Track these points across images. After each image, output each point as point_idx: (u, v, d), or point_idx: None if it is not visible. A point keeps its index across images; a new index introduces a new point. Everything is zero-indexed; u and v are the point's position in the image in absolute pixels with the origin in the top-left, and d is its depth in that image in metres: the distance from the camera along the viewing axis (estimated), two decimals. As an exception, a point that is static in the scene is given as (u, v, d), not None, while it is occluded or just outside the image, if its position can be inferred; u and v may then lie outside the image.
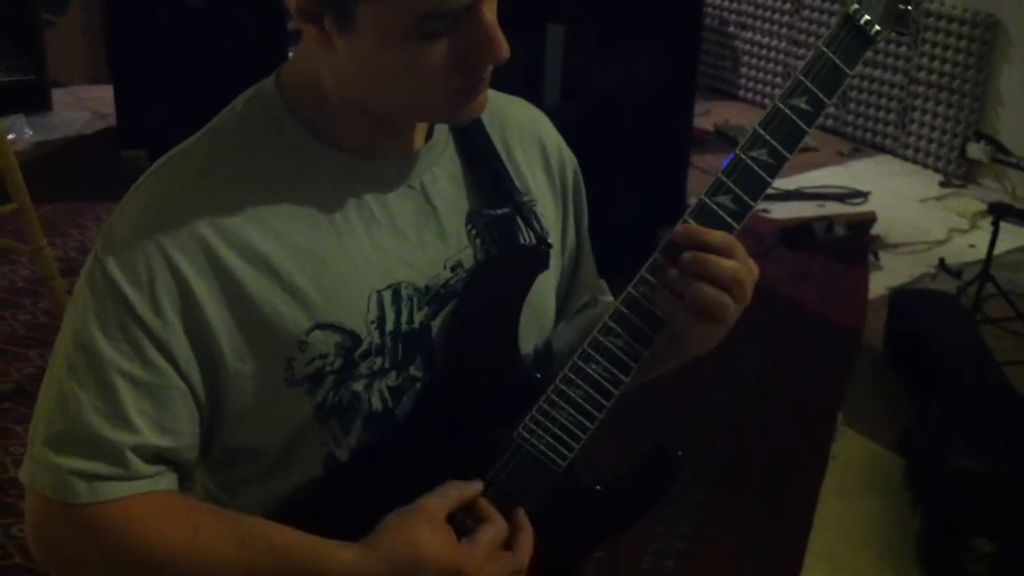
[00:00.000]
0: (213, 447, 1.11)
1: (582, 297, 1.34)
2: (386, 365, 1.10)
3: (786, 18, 5.34)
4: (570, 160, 1.28)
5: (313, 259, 1.06)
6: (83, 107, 4.84)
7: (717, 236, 1.07)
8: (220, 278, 1.02)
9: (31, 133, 4.48)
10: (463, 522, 1.09)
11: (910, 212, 4.38)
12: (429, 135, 1.15)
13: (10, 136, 4.06)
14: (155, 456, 1.04)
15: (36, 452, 1.04)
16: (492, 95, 1.17)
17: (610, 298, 1.37)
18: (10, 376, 2.96)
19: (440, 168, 1.15)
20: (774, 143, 1.09)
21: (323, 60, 1.04)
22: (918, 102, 4.81)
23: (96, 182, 4.10)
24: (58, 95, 4.86)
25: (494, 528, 1.09)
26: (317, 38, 1.00)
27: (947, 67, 4.65)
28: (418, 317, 1.11)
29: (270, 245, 1.04)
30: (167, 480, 1.06)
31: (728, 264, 1.06)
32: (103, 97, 4.59)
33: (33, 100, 4.68)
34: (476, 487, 1.11)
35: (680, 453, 1.19)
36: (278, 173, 1.07)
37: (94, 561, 1.05)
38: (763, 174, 1.09)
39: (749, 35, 5.55)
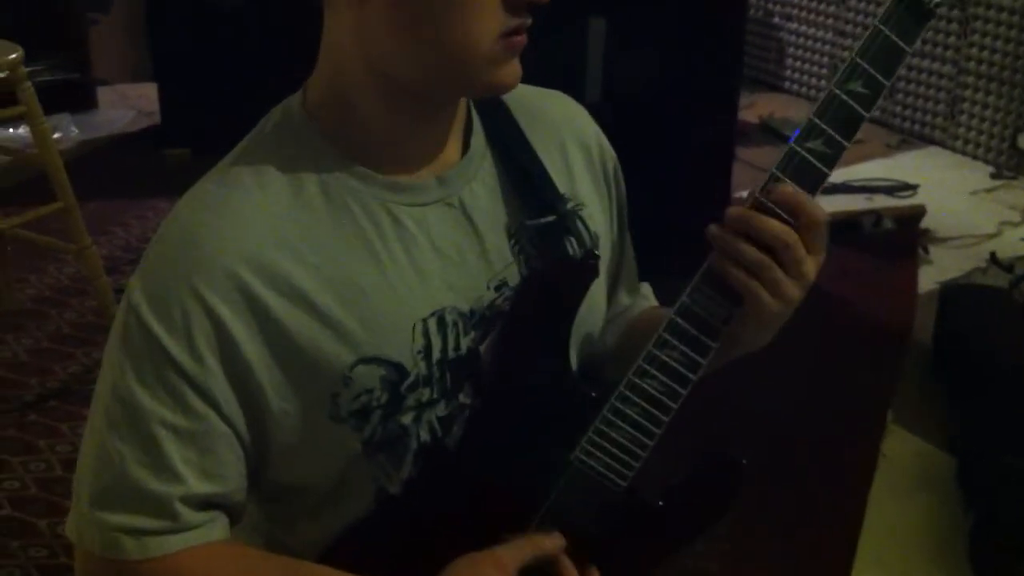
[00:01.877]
0: (263, 484, 1.08)
1: (624, 299, 1.29)
2: (435, 396, 1.06)
3: (832, 8, 5.26)
4: (610, 154, 1.23)
5: (353, 290, 1.02)
6: (127, 105, 4.86)
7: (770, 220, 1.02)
8: (257, 317, 0.99)
9: (76, 131, 4.50)
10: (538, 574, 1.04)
11: (960, 205, 4.30)
12: (466, 147, 1.10)
13: (56, 135, 4.08)
14: (204, 503, 1.02)
15: (82, 509, 1.02)
16: (526, 89, 1.13)
17: (649, 300, 1.33)
18: (56, 375, 2.98)
19: (479, 182, 1.10)
20: (831, 131, 1.03)
21: (353, 32, 0.99)
22: (967, 92, 4.73)
23: (140, 180, 4.12)
24: (103, 93, 4.87)
25: None
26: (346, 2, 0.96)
27: (997, 56, 4.57)
28: (465, 343, 1.07)
29: (308, 279, 1.00)
30: (219, 527, 1.04)
31: (774, 225, 1.01)
32: (147, 95, 4.61)
33: (78, 99, 4.69)
34: (556, 542, 1.06)
35: (744, 462, 1.14)
36: (312, 200, 1.02)
37: None
38: (820, 165, 1.03)
39: (794, 26, 5.48)
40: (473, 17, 0.95)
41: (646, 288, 1.34)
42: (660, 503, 1.14)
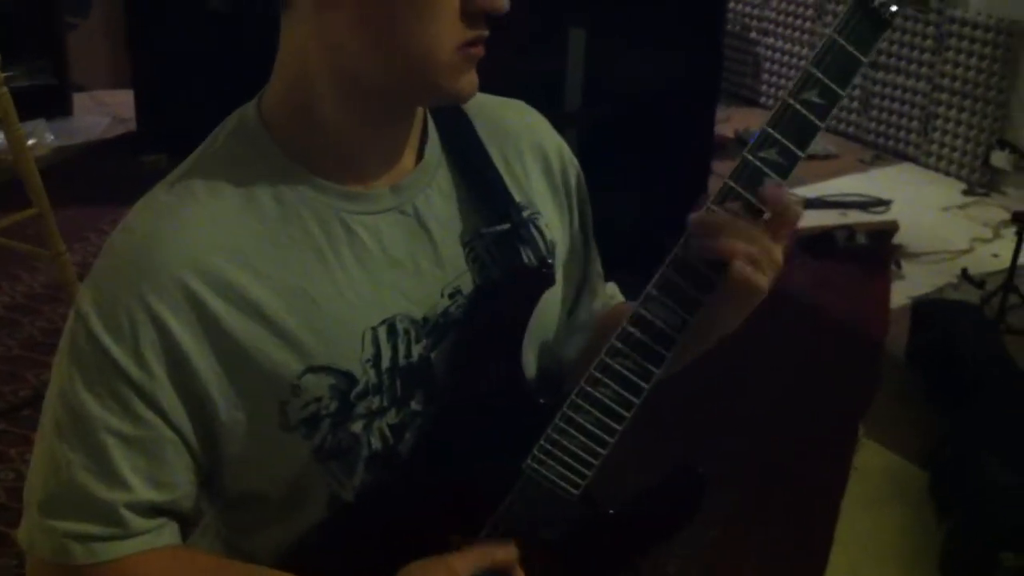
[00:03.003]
0: (220, 490, 1.08)
1: (592, 304, 1.29)
2: (385, 403, 1.06)
3: (808, 24, 5.31)
4: (572, 165, 1.23)
5: (303, 299, 1.01)
6: (104, 112, 4.84)
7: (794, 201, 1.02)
8: (206, 326, 0.99)
9: (52, 138, 4.48)
10: None
11: (932, 221, 4.34)
12: (420, 156, 1.10)
13: (31, 141, 4.06)
14: (152, 510, 1.02)
15: (32, 516, 1.02)
16: (487, 99, 1.13)
17: (615, 298, 1.33)
18: (28, 383, 2.96)
19: (434, 190, 1.10)
20: (784, 141, 1.01)
21: (315, 38, 0.99)
22: (941, 109, 4.77)
23: (116, 187, 4.09)
24: (79, 100, 4.86)
25: None
26: (306, 5, 0.97)
27: (971, 74, 4.61)
28: (416, 350, 1.07)
29: (257, 287, 1.00)
30: (168, 533, 1.03)
31: (725, 241, 1.01)
32: (124, 101, 4.59)
33: (54, 105, 4.67)
34: (509, 552, 1.06)
35: (703, 472, 1.14)
36: (264, 208, 1.02)
37: None
38: (773, 175, 1.02)
39: (771, 41, 5.52)
40: (432, 28, 0.96)
41: (612, 288, 1.34)
42: (611, 511, 1.14)
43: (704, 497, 1.14)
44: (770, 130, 1.01)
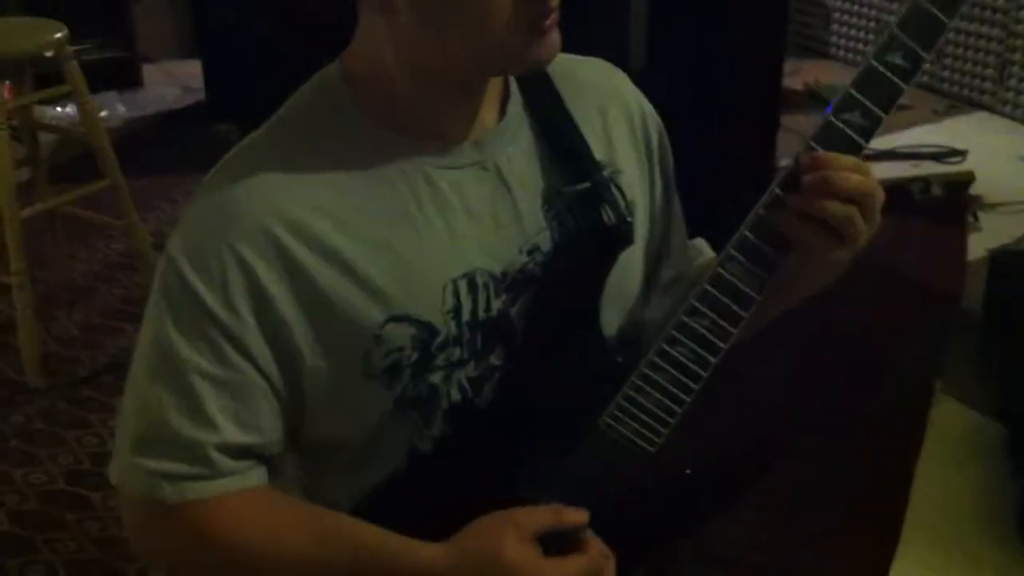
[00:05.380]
0: (300, 438, 1.11)
1: (673, 267, 1.29)
2: (464, 356, 1.08)
3: (878, -27, 5.19)
4: (653, 120, 1.23)
5: (386, 250, 1.04)
6: (173, 82, 4.89)
7: (844, 157, 1.02)
8: (292, 274, 1.01)
9: (124, 110, 4.55)
10: (557, 544, 1.04)
11: (1010, 170, 4.24)
12: (502, 114, 1.11)
13: (103, 113, 4.12)
14: (240, 452, 1.04)
15: (123, 454, 1.05)
16: (566, 58, 1.13)
17: (704, 254, 1.33)
18: (107, 350, 3.03)
19: (515, 147, 1.11)
20: (868, 103, 1.01)
21: (384, 30, 1.01)
22: (1016, 56, 4.65)
23: (188, 156, 4.14)
24: (148, 71, 4.91)
25: (585, 559, 1.04)
26: (376, 3, 0.98)
27: (1048, 19, 4.49)
28: (496, 304, 1.09)
29: (341, 238, 1.02)
30: (257, 474, 1.06)
31: (856, 178, 1.01)
32: (192, 72, 4.64)
33: (124, 77, 4.73)
34: (579, 516, 1.05)
35: (774, 439, 1.15)
36: (347, 163, 1.04)
37: (188, 559, 1.07)
38: (857, 137, 1.02)
39: (840, -9, 5.41)
40: (490, 21, 0.97)
41: (700, 243, 1.34)
42: (688, 471, 1.15)
43: (771, 459, 1.14)
44: (854, 92, 1.01)
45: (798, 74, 5.09)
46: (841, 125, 1.02)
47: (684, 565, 1.20)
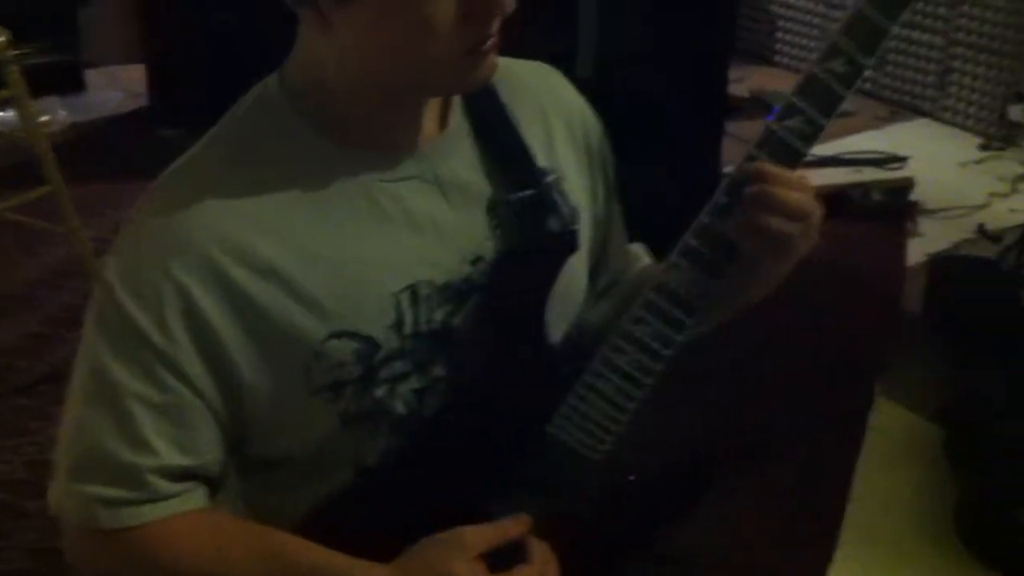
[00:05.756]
0: (246, 455, 1.10)
1: (610, 272, 1.29)
2: (408, 368, 1.08)
3: (822, -19, 5.25)
4: (594, 124, 1.23)
5: (326, 265, 1.03)
6: (117, 87, 4.84)
7: (786, 172, 1.03)
8: (228, 294, 1.01)
9: (65, 114, 4.49)
10: (501, 557, 1.05)
11: (949, 176, 4.30)
12: (443, 124, 1.11)
13: (44, 118, 4.07)
14: (180, 475, 1.04)
15: (60, 481, 1.05)
16: (507, 63, 1.13)
17: (642, 260, 1.33)
18: (48, 358, 2.99)
19: (458, 157, 1.11)
20: (810, 110, 1.02)
21: (325, 46, 1.01)
22: (957, 64, 4.73)
23: (131, 162, 4.09)
24: (91, 75, 4.85)
25: (530, 569, 1.05)
26: (314, 21, 0.97)
27: (987, 27, 4.56)
28: (438, 316, 1.08)
29: (279, 254, 1.02)
30: (196, 497, 1.06)
31: (795, 196, 1.02)
32: (137, 77, 4.60)
33: (67, 81, 4.67)
34: (520, 526, 1.07)
35: (721, 445, 1.16)
36: (288, 178, 1.04)
37: None
38: (798, 144, 1.03)
39: (784, -1, 5.47)
40: (429, 45, 0.96)
41: (637, 249, 1.34)
42: (631, 478, 1.15)
43: (721, 467, 1.15)
44: (796, 99, 1.02)
45: (744, 81, 5.13)
46: (783, 132, 1.03)
47: (633, 566, 1.21)
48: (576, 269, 1.19)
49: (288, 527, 1.11)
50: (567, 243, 1.14)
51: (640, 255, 1.34)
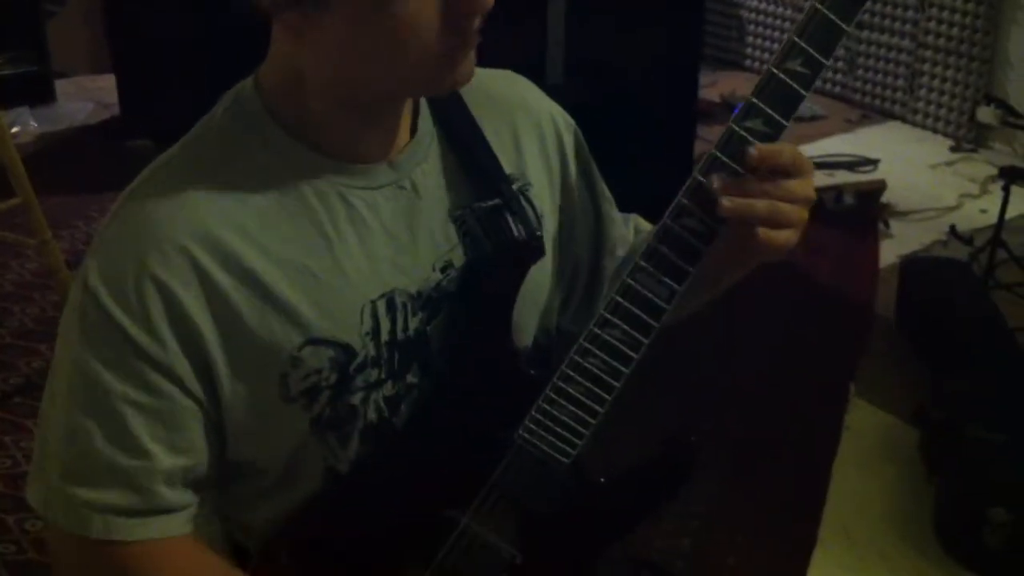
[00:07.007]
0: (220, 465, 1.10)
1: (615, 256, 1.29)
2: (382, 376, 1.07)
3: (791, -15, 5.28)
4: (567, 126, 1.23)
5: (303, 273, 1.03)
6: (87, 97, 4.82)
7: (788, 154, 1.03)
8: (209, 296, 1.00)
9: (35, 125, 4.46)
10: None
11: (920, 179, 4.34)
12: (413, 131, 1.11)
13: (14, 129, 4.05)
14: (175, 478, 1.03)
15: (50, 482, 1.03)
16: (477, 71, 1.15)
17: (641, 230, 1.33)
18: (20, 370, 2.96)
19: (428, 164, 1.11)
20: (769, 111, 1.02)
21: (300, 52, 1.00)
22: (926, 67, 4.76)
23: (102, 173, 4.08)
24: (61, 86, 4.83)
25: None
26: (290, 27, 0.97)
27: (955, 31, 4.60)
28: (413, 324, 1.08)
29: (258, 260, 1.01)
30: (180, 521, 1.05)
31: (787, 207, 1.05)
32: (106, 87, 4.57)
33: (37, 92, 4.65)
34: None
35: (694, 441, 1.15)
36: (264, 183, 1.03)
37: None
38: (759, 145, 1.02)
39: (754, 3, 5.50)
40: (407, 48, 0.96)
41: (636, 219, 1.34)
42: (602, 480, 1.15)
43: (694, 466, 1.15)
44: (755, 100, 1.02)
45: (714, 86, 5.17)
46: (744, 133, 1.02)
47: (606, 570, 1.21)
48: (541, 275, 1.19)
49: (261, 536, 1.12)
50: (532, 249, 1.14)
51: (640, 227, 1.33)
